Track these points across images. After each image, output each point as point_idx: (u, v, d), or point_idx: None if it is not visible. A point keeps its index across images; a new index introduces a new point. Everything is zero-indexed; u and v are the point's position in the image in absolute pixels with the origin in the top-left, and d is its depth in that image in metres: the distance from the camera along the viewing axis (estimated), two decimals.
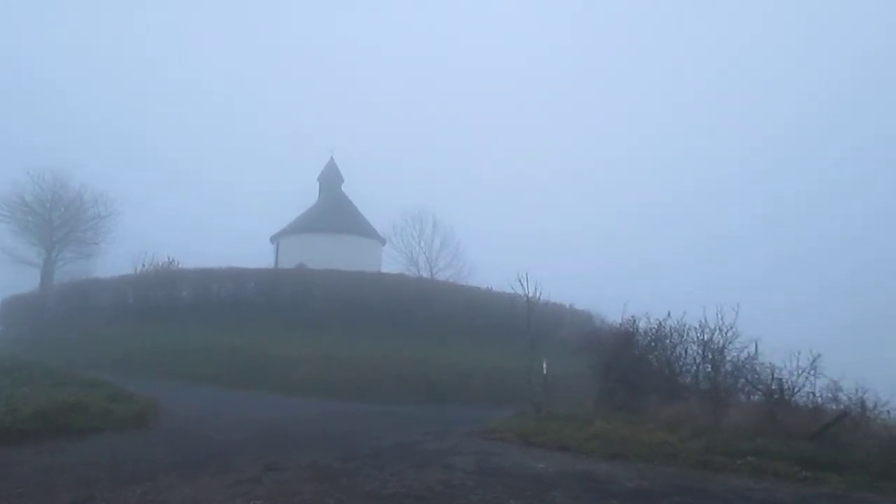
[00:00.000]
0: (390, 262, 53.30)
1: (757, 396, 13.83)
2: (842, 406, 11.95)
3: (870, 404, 12.00)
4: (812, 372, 12.80)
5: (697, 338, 15.14)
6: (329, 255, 42.12)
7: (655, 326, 15.92)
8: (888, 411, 12.16)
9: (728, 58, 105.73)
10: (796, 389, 13.01)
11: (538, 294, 19.34)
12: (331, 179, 52.82)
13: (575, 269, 61.07)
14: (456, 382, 25.57)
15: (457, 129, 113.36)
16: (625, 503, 7.75)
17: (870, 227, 72.83)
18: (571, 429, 13.03)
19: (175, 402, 16.39)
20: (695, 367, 15.44)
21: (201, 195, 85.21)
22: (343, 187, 53.45)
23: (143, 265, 41.53)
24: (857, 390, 12.03)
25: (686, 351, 15.69)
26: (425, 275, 51.65)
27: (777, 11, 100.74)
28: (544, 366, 17.59)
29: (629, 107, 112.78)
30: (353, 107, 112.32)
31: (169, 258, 41.68)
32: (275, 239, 50.86)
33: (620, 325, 16.85)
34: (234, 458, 9.40)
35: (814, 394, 12.78)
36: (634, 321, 16.28)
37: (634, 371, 15.70)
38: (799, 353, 12.90)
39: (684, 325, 15.42)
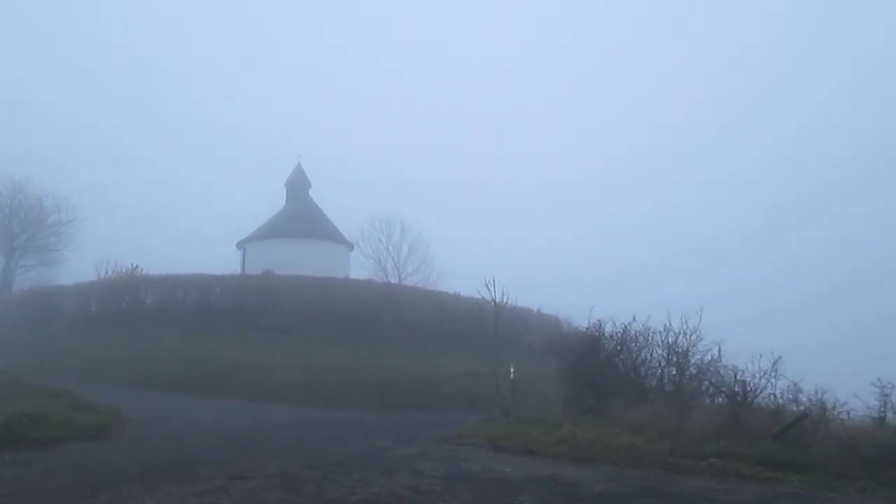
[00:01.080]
0: (358, 268, 53.29)
1: (720, 398, 14.02)
2: (802, 407, 12.19)
3: (829, 405, 12.25)
4: (773, 374, 13.03)
5: (662, 341, 15.34)
6: (296, 260, 41.96)
7: (621, 330, 16.10)
8: (847, 412, 12.43)
9: (720, 67, 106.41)
10: (758, 391, 13.22)
11: (505, 299, 19.43)
12: (298, 185, 52.56)
13: (553, 276, 61.39)
14: (425, 388, 25.53)
15: (427, 135, 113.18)
16: None
17: (870, 229, 73.64)
18: (539, 433, 13.10)
19: (140, 411, 16.15)
20: (660, 371, 15.63)
21: (166, 199, 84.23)
22: (310, 192, 53.22)
23: (107, 272, 40.96)
24: (816, 392, 12.27)
25: (651, 354, 15.86)
26: (393, 280, 51.71)
27: (775, 12, 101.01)
28: (511, 370, 17.68)
29: (610, 114, 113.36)
30: (321, 111, 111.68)
31: (133, 264, 41.20)
32: (241, 244, 50.48)
33: (587, 329, 17.01)
34: (200, 467, 9.29)
35: (775, 395, 13.00)
36: (600, 325, 16.44)
37: (601, 375, 15.83)
38: (761, 356, 13.14)
39: (649, 329, 15.62)
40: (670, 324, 15.12)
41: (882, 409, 11.62)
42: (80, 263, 45.84)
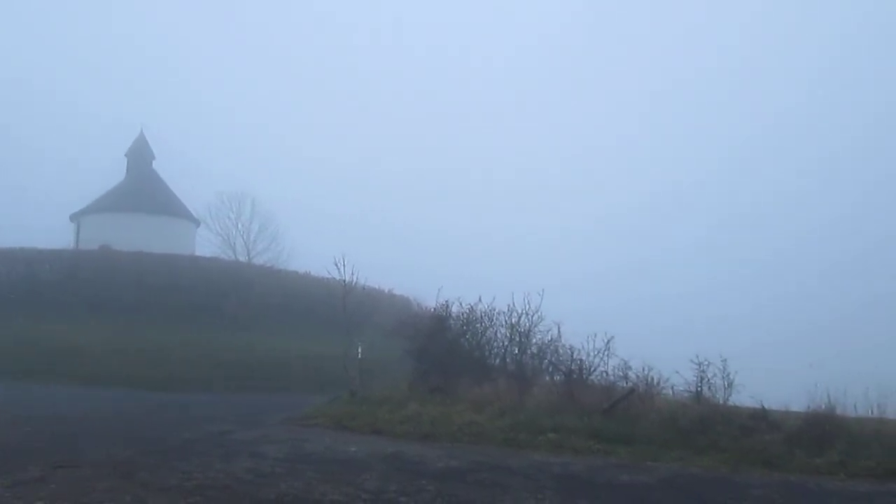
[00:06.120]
0: (205, 245, 51.23)
1: (558, 376, 14.78)
2: (630, 384, 13.08)
3: (655, 381, 13.25)
4: (606, 352, 13.90)
5: (506, 321, 15.92)
6: (137, 236, 39.90)
7: (467, 311, 16.53)
8: (671, 387, 13.50)
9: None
10: (593, 369, 14.07)
11: (355, 279, 19.33)
12: (140, 155, 49.74)
13: (409, 257, 61.51)
14: (272, 369, 25.08)
15: (282, 109, 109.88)
16: (433, 482, 7.99)
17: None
18: (385, 412, 13.25)
19: None
20: (503, 350, 16.23)
21: None
22: (154, 165, 50.55)
23: None
24: (644, 368, 13.25)
25: (496, 334, 16.46)
26: (242, 259, 50.17)
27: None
28: (359, 351, 17.70)
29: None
30: (168, 78, 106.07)
31: None
32: (75, 217, 47.26)
33: (434, 309, 17.33)
34: (18, 458, 8.57)
35: (607, 373, 13.90)
36: (447, 306, 16.81)
37: (447, 354, 16.19)
38: (595, 335, 13.96)
39: (494, 310, 16.16)
40: (514, 304, 15.73)
41: (699, 385, 12.70)
42: None
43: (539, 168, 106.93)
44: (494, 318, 16.15)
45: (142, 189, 47.59)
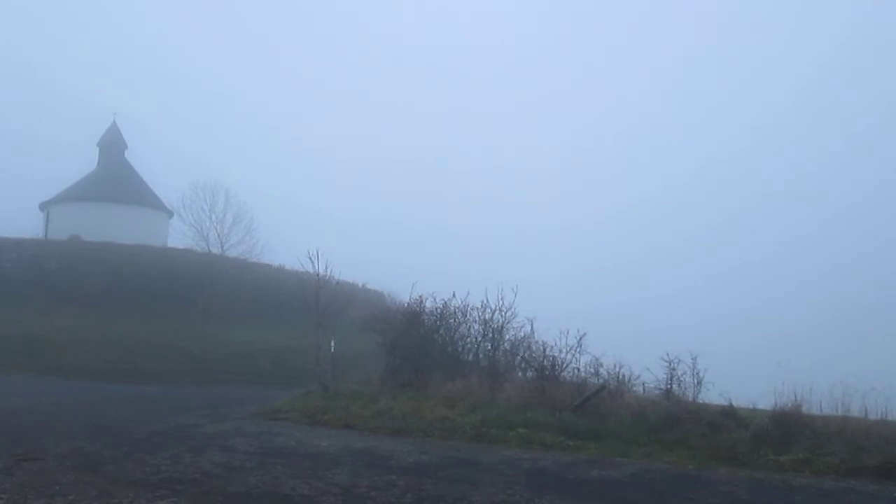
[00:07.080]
0: (178, 237, 50.57)
1: (530, 372, 14.83)
2: (601, 380, 13.18)
3: (626, 378, 13.37)
4: (578, 349, 13.99)
5: (479, 317, 15.95)
6: (108, 226, 39.51)
7: (441, 306, 16.54)
8: (642, 384, 13.62)
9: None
10: (564, 365, 14.15)
11: (329, 272, 19.26)
12: (112, 145, 49.00)
13: (384, 253, 61.14)
14: (244, 362, 24.98)
15: (273, 102, 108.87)
16: (403, 477, 7.98)
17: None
18: (357, 407, 13.22)
19: None
20: (476, 346, 16.26)
21: None
22: (126, 154, 49.83)
23: None
24: (615, 366, 13.35)
25: (469, 330, 16.49)
26: (216, 251, 49.62)
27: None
28: (332, 344, 17.63)
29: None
30: (143, 66, 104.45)
31: None
32: (45, 206, 46.47)
33: (408, 304, 17.32)
34: None
35: (579, 369, 13.99)
36: (421, 301, 16.79)
37: (420, 349, 16.19)
38: (568, 332, 14.04)
39: (467, 306, 16.19)
40: (487, 300, 15.75)
41: (668, 382, 12.82)
42: None
43: (539, 168, 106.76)
44: (468, 314, 16.18)
45: (113, 179, 46.89)
